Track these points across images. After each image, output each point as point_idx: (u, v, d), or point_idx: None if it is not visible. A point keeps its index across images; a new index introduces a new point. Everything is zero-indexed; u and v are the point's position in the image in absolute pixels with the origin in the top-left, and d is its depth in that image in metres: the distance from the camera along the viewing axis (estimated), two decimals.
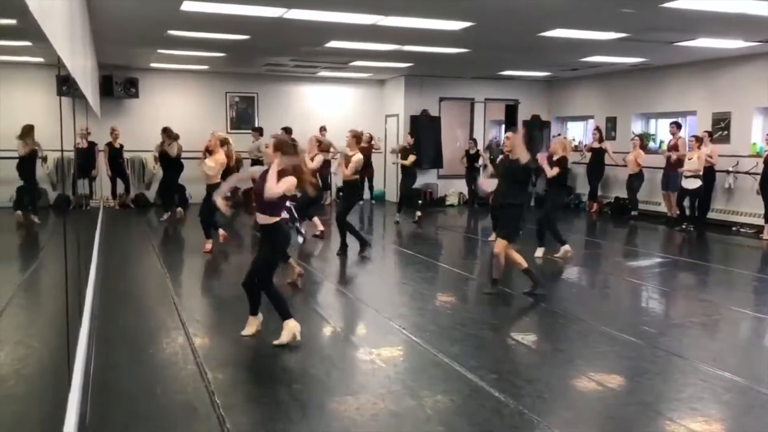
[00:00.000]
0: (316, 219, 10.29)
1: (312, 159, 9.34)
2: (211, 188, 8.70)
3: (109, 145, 13.86)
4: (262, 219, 5.21)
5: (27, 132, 6.02)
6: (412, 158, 12.51)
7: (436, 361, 4.93)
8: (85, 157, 12.24)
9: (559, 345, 5.54)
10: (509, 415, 4.02)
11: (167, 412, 4.12)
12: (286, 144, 5.21)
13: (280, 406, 4.16)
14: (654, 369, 4.86)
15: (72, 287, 4.27)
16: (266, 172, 5.16)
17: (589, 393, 4.54)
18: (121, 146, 14.02)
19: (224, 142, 8.99)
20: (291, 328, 5.18)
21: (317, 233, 10.20)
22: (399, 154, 12.80)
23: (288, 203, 6.50)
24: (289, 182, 5.12)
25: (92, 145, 12.86)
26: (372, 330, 5.91)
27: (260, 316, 5.45)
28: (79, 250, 5.52)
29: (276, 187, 5.03)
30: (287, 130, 11.99)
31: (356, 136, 8.91)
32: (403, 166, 12.63)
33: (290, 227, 6.42)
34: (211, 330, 5.91)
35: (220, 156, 8.83)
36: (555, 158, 8.81)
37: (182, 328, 5.70)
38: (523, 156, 6.69)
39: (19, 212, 6.44)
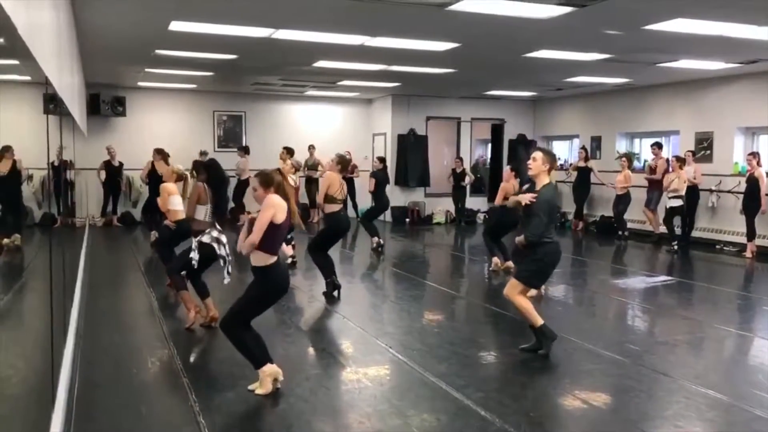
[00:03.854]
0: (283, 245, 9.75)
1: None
2: (181, 224, 7.05)
3: (107, 163, 13.85)
4: (255, 259, 4.43)
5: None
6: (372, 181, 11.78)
7: (423, 380, 4.93)
8: (59, 176, 12.15)
9: (545, 363, 5.55)
10: None
11: (152, 431, 4.09)
12: (271, 177, 4.54)
13: (266, 425, 4.14)
14: (639, 387, 4.88)
15: (57, 306, 4.25)
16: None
17: (575, 411, 4.55)
18: (121, 164, 13.99)
19: (180, 178, 7.25)
20: (270, 373, 4.57)
21: (288, 260, 9.50)
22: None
23: (204, 239, 6.04)
24: (266, 215, 4.34)
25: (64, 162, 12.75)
26: (358, 349, 5.90)
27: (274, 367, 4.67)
28: (65, 268, 5.49)
29: (251, 240, 4.33)
30: (289, 151, 10.84)
31: (341, 163, 7.75)
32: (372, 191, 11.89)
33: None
34: (196, 349, 5.88)
35: (166, 186, 7.22)
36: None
37: (168, 347, 5.67)
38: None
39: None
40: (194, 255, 6.02)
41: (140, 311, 7.18)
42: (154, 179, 12.29)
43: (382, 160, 12.54)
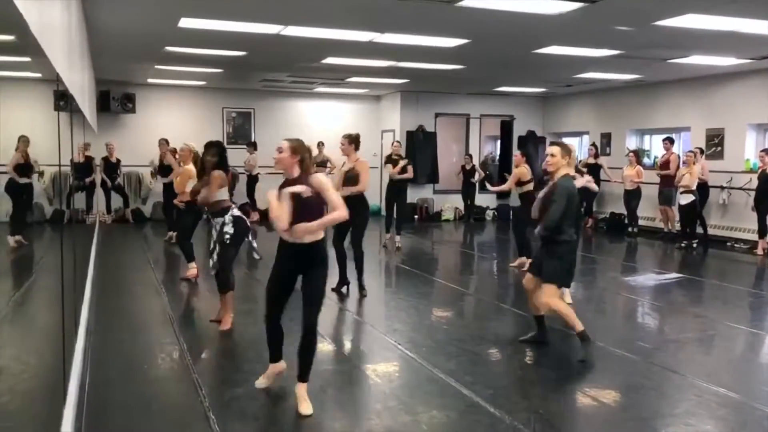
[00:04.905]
0: None
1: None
2: (188, 206, 7.73)
3: (105, 159, 13.90)
4: (309, 237, 4.19)
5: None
6: (408, 168, 10.96)
7: (432, 377, 4.93)
8: (82, 172, 12.19)
9: (555, 360, 5.54)
10: (504, 430, 4.02)
11: (162, 428, 4.11)
12: (304, 148, 4.30)
13: (275, 422, 4.15)
14: (649, 384, 4.86)
15: (68, 302, 4.27)
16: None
17: (585, 408, 4.54)
18: (119, 161, 14.04)
19: (197, 157, 7.46)
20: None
21: None
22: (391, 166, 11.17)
23: (236, 213, 5.94)
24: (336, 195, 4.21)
25: (89, 159, 12.86)
26: (367, 346, 5.90)
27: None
28: (75, 265, 5.52)
29: (283, 220, 4.06)
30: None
31: (354, 141, 7.39)
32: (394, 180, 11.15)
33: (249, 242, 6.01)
34: (206, 345, 5.89)
35: (189, 168, 7.69)
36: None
37: (178, 343, 5.69)
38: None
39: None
40: (229, 228, 5.86)
41: (150, 308, 7.21)
42: (166, 171, 11.69)
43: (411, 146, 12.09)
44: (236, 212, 6.02)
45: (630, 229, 13.15)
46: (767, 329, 6.85)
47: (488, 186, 9.61)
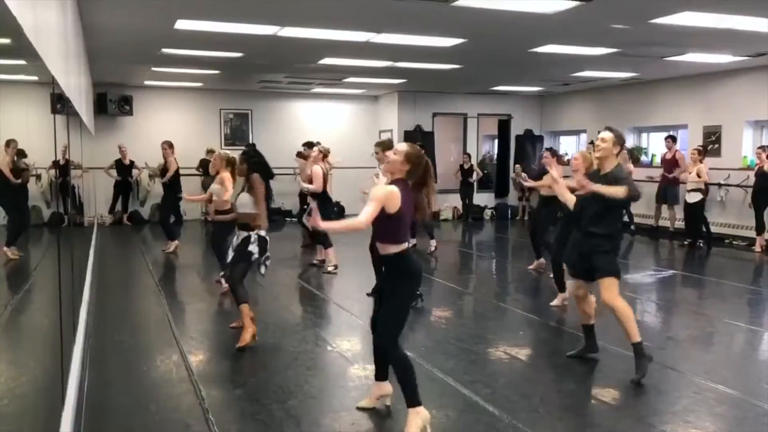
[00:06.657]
0: (331, 249, 9.18)
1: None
2: (223, 216, 7.01)
3: (118, 162, 13.93)
4: (383, 249, 3.98)
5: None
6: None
7: (431, 376, 4.93)
8: (63, 174, 12.14)
9: (554, 359, 5.54)
10: (504, 429, 4.02)
11: (161, 429, 4.11)
12: (418, 158, 3.98)
13: (275, 422, 4.15)
14: (647, 382, 4.86)
15: (66, 305, 4.27)
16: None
17: (583, 406, 4.55)
18: (132, 162, 14.06)
19: (231, 162, 6.98)
20: (422, 418, 3.91)
21: (321, 263, 9.26)
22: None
23: (262, 233, 5.72)
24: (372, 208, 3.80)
25: (67, 162, 12.80)
26: (366, 346, 5.87)
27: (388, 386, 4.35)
28: (73, 267, 5.51)
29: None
30: (309, 145, 10.46)
31: (389, 148, 5.90)
32: None
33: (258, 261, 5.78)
34: (205, 347, 5.89)
35: (227, 177, 6.99)
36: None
37: (176, 345, 5.69)
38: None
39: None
40: (253, 248, 5.70)
41: (149, 310, 7.21)
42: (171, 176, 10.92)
43: (423, 146, 11.41)
44: (263, 232, 5.80)
45: (631, 227, 13.14)
46: (765, 326, 6.86)
47: (524, 181, 8.67)
